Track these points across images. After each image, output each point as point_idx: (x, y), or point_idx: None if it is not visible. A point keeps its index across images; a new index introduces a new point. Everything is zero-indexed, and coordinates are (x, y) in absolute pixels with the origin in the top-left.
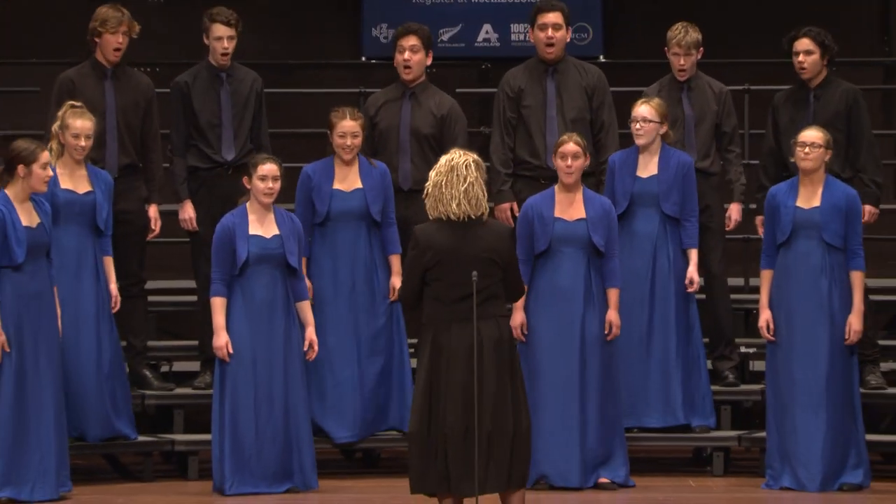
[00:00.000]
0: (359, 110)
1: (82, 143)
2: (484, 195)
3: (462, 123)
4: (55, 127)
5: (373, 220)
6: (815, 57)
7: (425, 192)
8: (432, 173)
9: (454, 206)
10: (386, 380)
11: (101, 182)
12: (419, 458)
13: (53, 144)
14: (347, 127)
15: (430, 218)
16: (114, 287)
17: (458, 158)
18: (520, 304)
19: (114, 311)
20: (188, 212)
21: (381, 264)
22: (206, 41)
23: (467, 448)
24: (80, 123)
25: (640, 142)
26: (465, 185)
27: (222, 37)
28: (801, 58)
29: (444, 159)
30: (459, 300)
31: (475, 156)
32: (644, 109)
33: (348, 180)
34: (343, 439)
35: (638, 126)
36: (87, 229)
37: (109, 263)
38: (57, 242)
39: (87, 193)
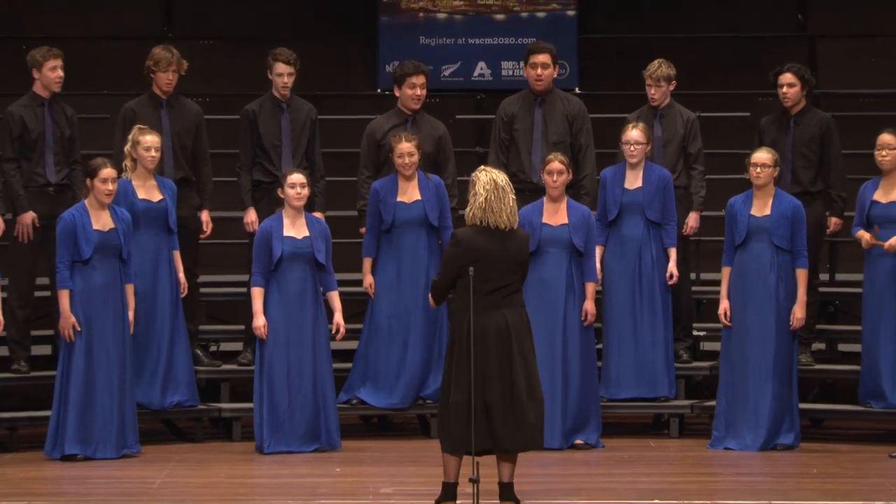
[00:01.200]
0: (412, 133)
1: (152, 153)
2: (517, 208)
3: (451, 143)
4: (127, 147)
5: (431, 225)
6: (797, 89)
7: (472, 201)
8: (479, 189)
9: (504, 217)
10: (429, 360)
11: (168, 189)
12: (464, 424)
13: (127, 162)
14: (405, 148)
15: (469, 224)
16: (182, 276)
17: (498, 177)
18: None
19: (182, 295)
20: (251, 216)
21: (435, 264)
22: (269, 76)
23: (506, 412)
24: (148, 138)
25: (633, 161)
26: (511, 201)
27: (283, 73)
28: (784, 89)
29: (485, 177)
30: (491, 292)
31: (505, 175)
32: (635, 133)
33: (409, 193)
34: (391, 405)
35: (631, 148)
36: (161, 230)
37: (178, 257)
38: (139, 243)
39: (160, 201)
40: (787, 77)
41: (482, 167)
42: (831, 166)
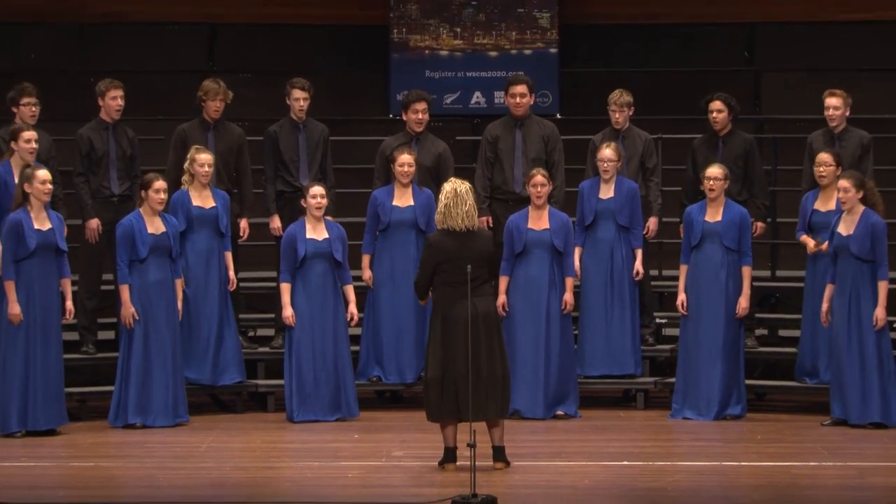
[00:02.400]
0: (415, 150)
1: (206, 169)
2: (476, 213)
3: (451, 160)
4: (186, 164)
5: (419, 229)
6: (725, 114)
7: (437, 210)
8: (442, 197)
9: (459, 221)
10: (421, 340)
11: (220, 199)
12: (437, 396)
13: (186, 176)
14: (404, 159)
15: (438, 229)
16: (232, 273)
17: (460, 186)
18: (503, 288)
19: (231, 289)
20: (276, 222)
21: None
22: (287, 101)
23: (471, 387)
24: (203, 157)
25: (606, 176)
26: (466, 206)
27: (299, 98)
28: (714, 114)
29: (448, 187)
30: (461, 284)
31: (469, 184)
32: (608, 152)
33: (404, 199)
34: (400, 382)
35: (605, 164)
36: (213, 233)
37: (229, 257)
38: (194, 243)
39: (212, 208)
40: (716, 104)
41: (451, 179)
42: (755, 180)
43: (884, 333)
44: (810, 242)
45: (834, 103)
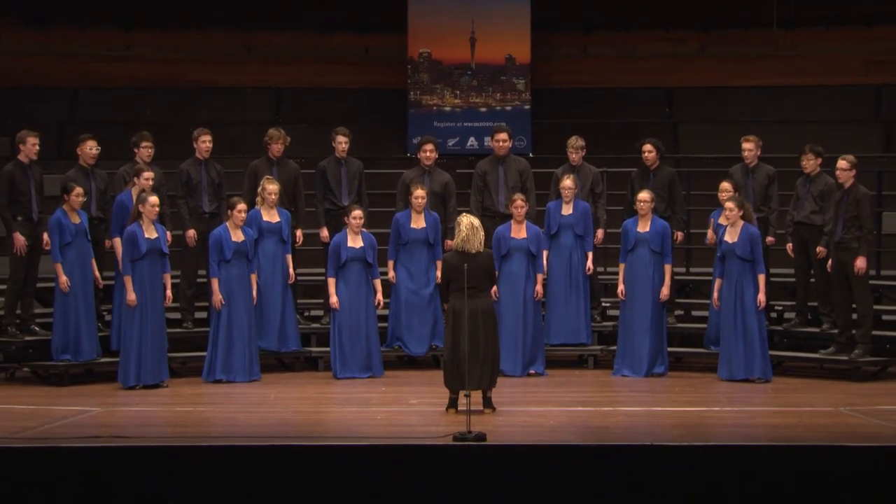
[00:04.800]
0: (426, 181)
1: (273, 196)
2: (483, 238)
3: (454, 187)
4: (259, 190)
5: (429, 243)
6: (654, 153)
7: (457, 236)
8: (462, 228)
9: (475, 245)
10: (434, 322)
11: (283, 215)
12: (450, 372)
13: (258, 199)
14: (419, 193)
15: (454, 249)
16: (292, 270)
17: (475, 221)
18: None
19: (290, 282)
20: (324, 233)
21: (433, 267)
22: (332, 144)
23: (473, 365)
24: (271, 186)
25: (566, 199)
26: (481, 236)
27: (342, 141)
28: (646, 154)
29: (466, 220)
30: (469, 289)
31: (478, 221)
32: (568, 182)
33: (418, 222)
34: (416, 352)
35: (566, 191)
36: (278, 240)
37: (289, 258)
38: (263, 248)
39: (277, 222)
40: (647, 146)
41: (464, 213)
42: (675, 201)
43: (762, 313)
44: (713, 239)
45: (749, 146)
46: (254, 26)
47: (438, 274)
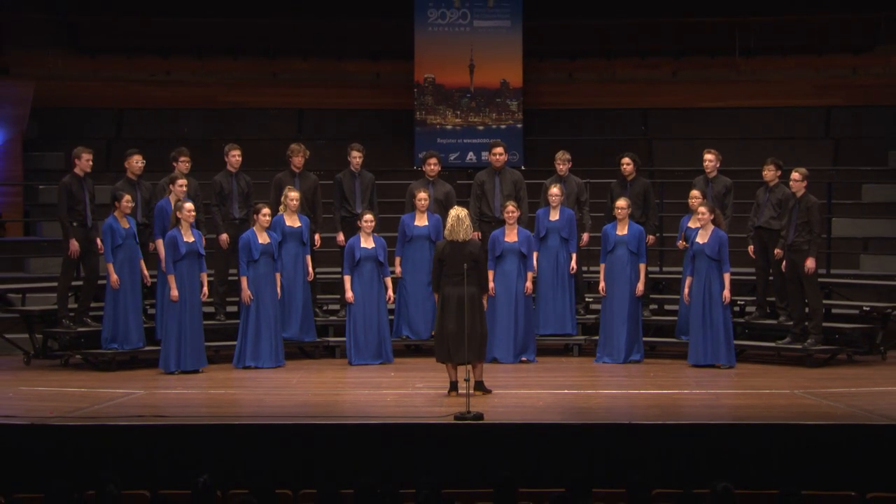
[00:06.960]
0: (429, 190)
1: (294, 203)
2: (471, 229)
3: (454, 196)
4: (282, 199)
5: (431, 240)
6: (631, 166)
7: (445, 227)
8: (449, 219)
9: (460, 234)
10: (433, 312)
11: (303, 221)
12: (439, 346)
13: (281, 207)
14: (422, 195)
15: (445, 238)
16: (311, 269)
17: (461, 213)
18: (490, 278)
19: (310, 280)
20: (340, 236)
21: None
22: (348, 158)
23: (460, 341)
24: (293, 194)
25: (554, 205)
26: (466, 225)
27: (356, 156)
28: (624, 166)
29: (454, 212)
30: (456, 275)
31: (466, 211)
32: (556, 190)
33: (421, 221)
34: (420, 338)
35: (553, 199)
36: (298, 243)
37: (309, 259)
38: (286, 250)
39: (298, 227)
40: (625, 160)
41: (455, 207)
42: (650, 208)
43: (727, 307)
44: (682, 244)
45: (710, 157)
46: (279, 54)
47: None
